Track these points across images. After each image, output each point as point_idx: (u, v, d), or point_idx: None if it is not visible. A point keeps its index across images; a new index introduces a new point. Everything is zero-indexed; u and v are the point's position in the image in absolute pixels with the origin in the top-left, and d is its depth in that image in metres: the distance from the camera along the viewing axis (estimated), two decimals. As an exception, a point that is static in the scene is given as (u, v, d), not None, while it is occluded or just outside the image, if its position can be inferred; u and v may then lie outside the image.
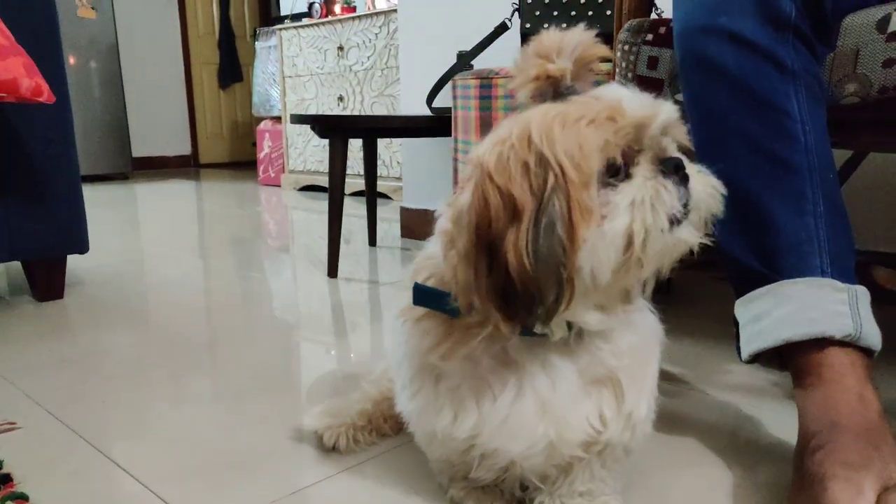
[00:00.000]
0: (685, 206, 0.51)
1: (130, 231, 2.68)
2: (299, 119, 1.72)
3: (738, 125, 0.72)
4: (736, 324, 0.77)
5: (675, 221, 0.50)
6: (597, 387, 0.56)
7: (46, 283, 1.53)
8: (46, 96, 1.27)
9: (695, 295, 1.52)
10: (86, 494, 0.72)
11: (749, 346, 0.73)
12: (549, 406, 0.54)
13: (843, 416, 0.64)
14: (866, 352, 0.68)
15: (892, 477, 0.57)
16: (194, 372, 1.09)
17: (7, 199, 1.40)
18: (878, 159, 1.38)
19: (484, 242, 0.47)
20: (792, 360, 0.71)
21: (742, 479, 0.74)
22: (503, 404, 0.54)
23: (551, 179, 0.46)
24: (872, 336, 0.68)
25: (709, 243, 0.54)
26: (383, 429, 0.84)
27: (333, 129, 1.68)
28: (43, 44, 1.40)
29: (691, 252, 0.54)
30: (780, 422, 0.88)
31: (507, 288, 0.47)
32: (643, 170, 0.50)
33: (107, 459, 0.80)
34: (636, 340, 0.57)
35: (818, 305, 0.68)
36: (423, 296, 0.55)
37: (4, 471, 0.76)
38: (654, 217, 0.49)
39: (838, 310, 0.67)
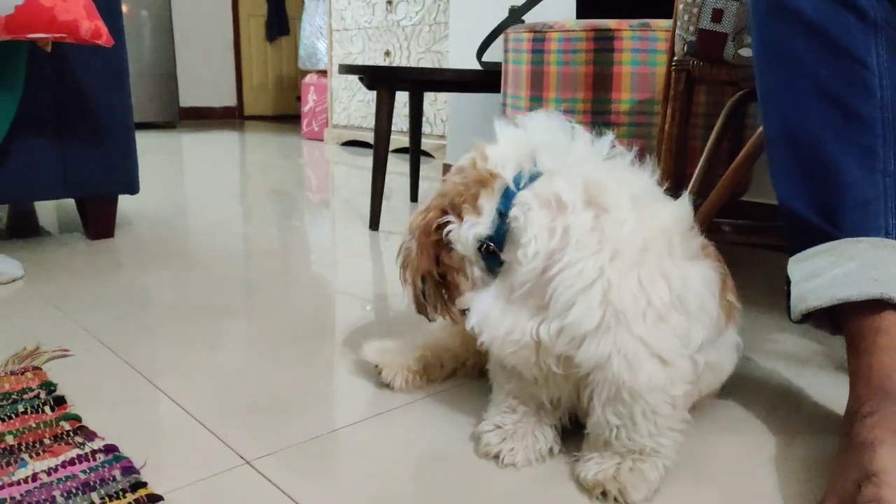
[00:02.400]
0: None
1: (176, 177, 2.73)
2: (348, 69, 1.71)
3: (812, 73, 0.68)
4: (788, 282, 0.74)
5: None
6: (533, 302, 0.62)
7: (98, 221, 1.58)
8: (105, 39, 1.28)
9: (738, 265, 1.49)
10: (134, 419, 0.75)
11: (802, 304, 0.70)
12: (508, 310, 0.63)
13: None
14: None
15: None
16: (234, 314, 1.11)
17: (64, 139, 1.44)
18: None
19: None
20: (846, 322, 0.68)
21: (784, 446, 0.73)
22: (481, 306, 0.66)
23: None
24: None
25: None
26: (434, 375, 0.85)
27: (382, 80, 1.67)
28: None
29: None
30: (824, 392, 0.86)
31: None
32: None
33: (154, 388, 0.83)
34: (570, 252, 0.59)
35: (880, 266, 0.65)
36: None
37: (59, 393, 0.79)
38: None
39: None
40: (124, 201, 1.82)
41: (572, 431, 0.71)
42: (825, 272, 0.68)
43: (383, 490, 0.63)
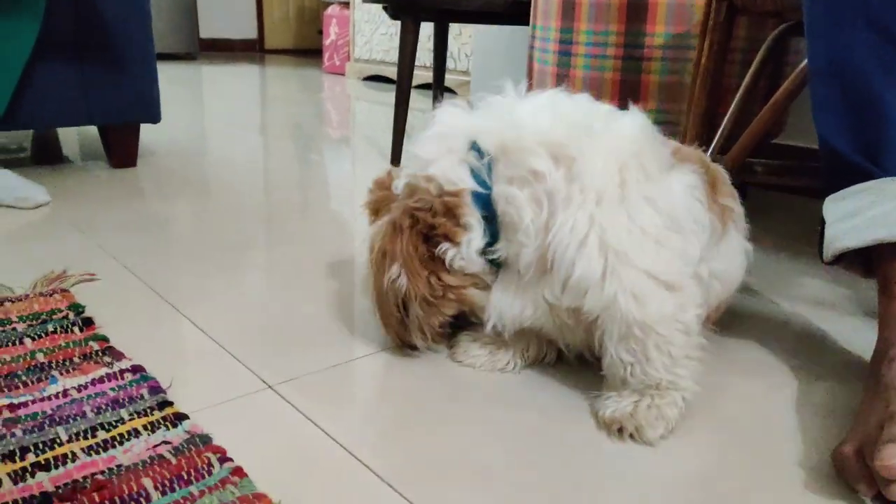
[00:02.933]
0: None
1: (197, 109, 2.71)
2: (371, -2, 1.66)
3: (864, 4, 0.64)
4: (822, 222, 0.72)
5: None
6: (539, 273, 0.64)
7: (121, 149, 1.58)
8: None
9: (768, 208, 1.46)
10: (160, 341, 0.76)
11: (837, 243, 0.68)
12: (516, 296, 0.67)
13: None
14: None
15: None
16: (254, 245, 1.11)
17: (86, 66, 1.43)
18: None
19: None
20: (880, 264, 0.66)
21: (808, 389, 0.72)
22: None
23: None
24: None
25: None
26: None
27: (407, 9, 1.62)
28: None
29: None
30: (849, 338, 0.85)
31: None
32: None
33: (178, 313, 0.84)
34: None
35: None
36: None
37: (87, 315, 0.81)
38: None
39: None
40: (146, 131, 1.82)
41: (587, 367, 0.70)
42: (864, 212, 0.66)
43: (398, 414, 0.64)
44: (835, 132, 0.69)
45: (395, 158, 1.73)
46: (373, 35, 3.74)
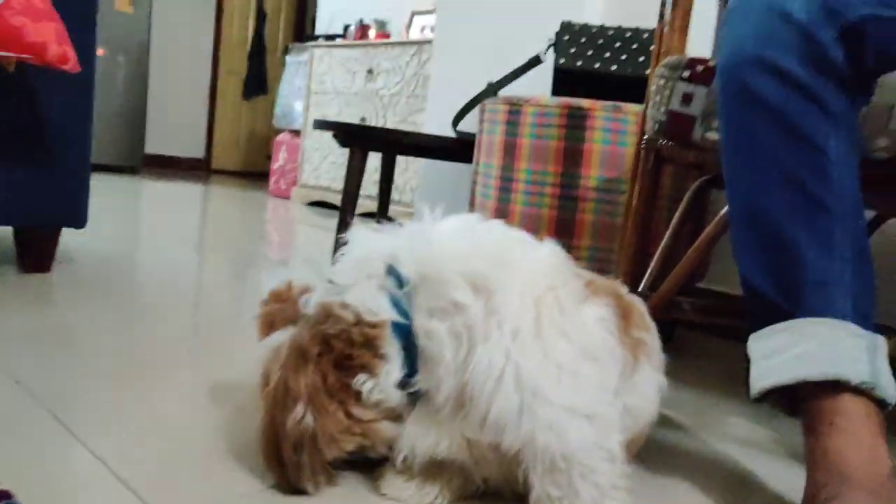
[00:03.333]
0: None
1: (131, 220, 2.66)
2: (322, 125, 1.72)
3: (776, 158, 0.71)
4: (747, 359, 0.74)
5: None
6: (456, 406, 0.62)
7: (36, 254, 1.48)
8: (72, 65, 1.26)
9: (696, 347, 1.50)
10: (38, 461, 0.68)
11: (761, 381, 0.70)
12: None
13: (854, 470, 0.62)
14: (880, 404, 0.66)
15: None
16: (174, 360, 1.05)
17: (12, 162, 1.37)
18: (891, 231, 1.37)
19: None
20: (804, 403, 0.68)
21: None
22: None
23: None
24: (888, 388, 0.65)
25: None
26: None
27: (356, 138, 1.68)
28: (79, 25, 1.37)
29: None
30: (778, 478, 0.85)
31: None
32: None
33: (67, 432, 0.75)
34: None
35: (838, 348, 0.66)
36: None
37: (-27, 420, 0.73)
38: None
39: (857, 356, 0.65)
40: (68, 237, 1.74)
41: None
42: (785, 351, 0.69)
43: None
44: (755, 273, 0.73)
45: (333, 280, 1.72)
46: (321, 163, 3.85)
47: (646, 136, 1.02)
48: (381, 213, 2.15)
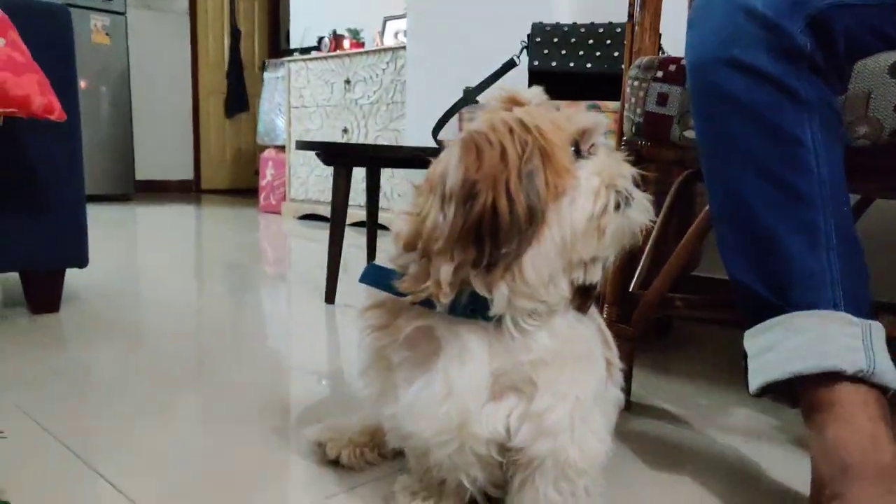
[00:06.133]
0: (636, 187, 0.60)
1: (130, 250, 2.67)
2: (305, 145, 1.73)
3: (751, 154, 0.71)
4: (744, 356, 0.75)
5: (624, 203, 0.58)
6: (510, 389, 0.59)
7: (43, 295, 1.52)
8: (57, 114, 1.27)
9: (692, 340, 1.51)
10: (63, 499, 0.70)
11: (758, 378, 0.71)
12: (454, 390, 0.57)
13: (855, 459, 0.62)
14: (881, 389, 0.66)
15: None
16: (184, 391, 1.07)
17: (10, 210, 1.40)
18: (883, 206, 1.38)
19: (469, 187, 0.54)
20: (803, 395, 0.69)
21: (744, 521, 0.72)
22: (416, 387, 0.59)
23: (531, 141, 0.55)
24: (887, 373, 0.65)
25: (649, 223, 0.61)
26: (384, 449, 0.82)
27: (338, 156, 1.69)
28: (58, 64, 1.41)
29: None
30: (780, 467, 0.86)
31: (486, 225, 0.53)
32: (603, 153, 0.60)
33: (93, 472, 0.78)
34: (554, 344, 0.59)
35: (830, 339, 0.66)
36: (370, 274, 0.61)
37: (-13, 480, 0.74)
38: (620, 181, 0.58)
39: (851, 344, 0.65)
40: (73, 274, 1.76)
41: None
42: (777, 346, 0.69)
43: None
44: (741, 271, 0.74)
45: (330, 297, 1.73)
46: (308, 176, 3.85)
47: (624, 138, 1.03)
48: (371, 223, 2.16)
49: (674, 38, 1.19)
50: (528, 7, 1.84)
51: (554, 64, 1.53)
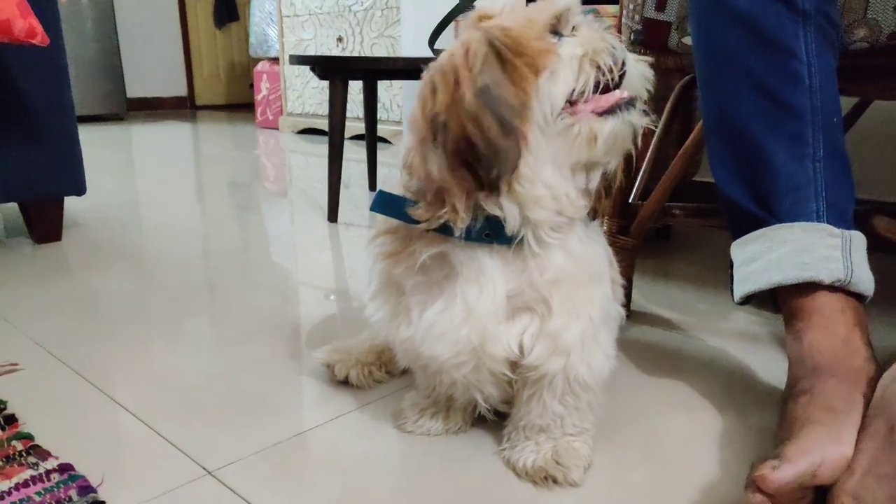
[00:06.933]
0: (622, 71, 0.56)
1: (127, 173, 2.65)
2: (298, 60, 1.68)
3: (743, 64, 0.70)
4: (731, 265, 0.77)
5: (621, 108, 0.56)
6: (524, 309, 0.60)
7: (44, 225, 1.53)
8: (40, 38, 1.23)
9: (692, 243, 1.52)
10: (90, 433, 0.74)
11: (741, 287, 0.74)
12: (473, 313, 0.58)
13: (827, 361, 0.64)
14: (858, 297, 0.68)
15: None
16: (192, 314, 1.09)
17: (2, 141, 1.39)
18: (882, 107, 1.36)
19: (434, 123, 0.53)
20: (784, 304, 0.71)
21: (734, 423, 0.75)
22: (434, 310, 0.59)
23: (482, 54, 0.52)
24: (864, 282, 0.67)
25: (652, 127, 0.60)
26: (393, 365, 0.85)
27: (333, 70, 1.64)
28: None
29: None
30: (773, 368, 0.89)
31: (466, 153, 0.52)
32: (585, 30, 0.57)
33: (109, 399, 0.81)
34: (569, 265, 0.59)
35: (810, 250, 0.67)
36: (382, 202, 0.60)
37: (9, 411, 0.77)
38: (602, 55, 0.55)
39: (829, 255, 0.67)
40: (73, 201, 1.77)
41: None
42: (760, 257, 0.71)
43: (347, 494, 0.63)
44: (729, 182, 0.74)
45: (333, 214, 1.74)
46: (304, 89, 3.77)
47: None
48: (370, 136, 2.13)
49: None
50: None
51: (551, -36, 1.46)
